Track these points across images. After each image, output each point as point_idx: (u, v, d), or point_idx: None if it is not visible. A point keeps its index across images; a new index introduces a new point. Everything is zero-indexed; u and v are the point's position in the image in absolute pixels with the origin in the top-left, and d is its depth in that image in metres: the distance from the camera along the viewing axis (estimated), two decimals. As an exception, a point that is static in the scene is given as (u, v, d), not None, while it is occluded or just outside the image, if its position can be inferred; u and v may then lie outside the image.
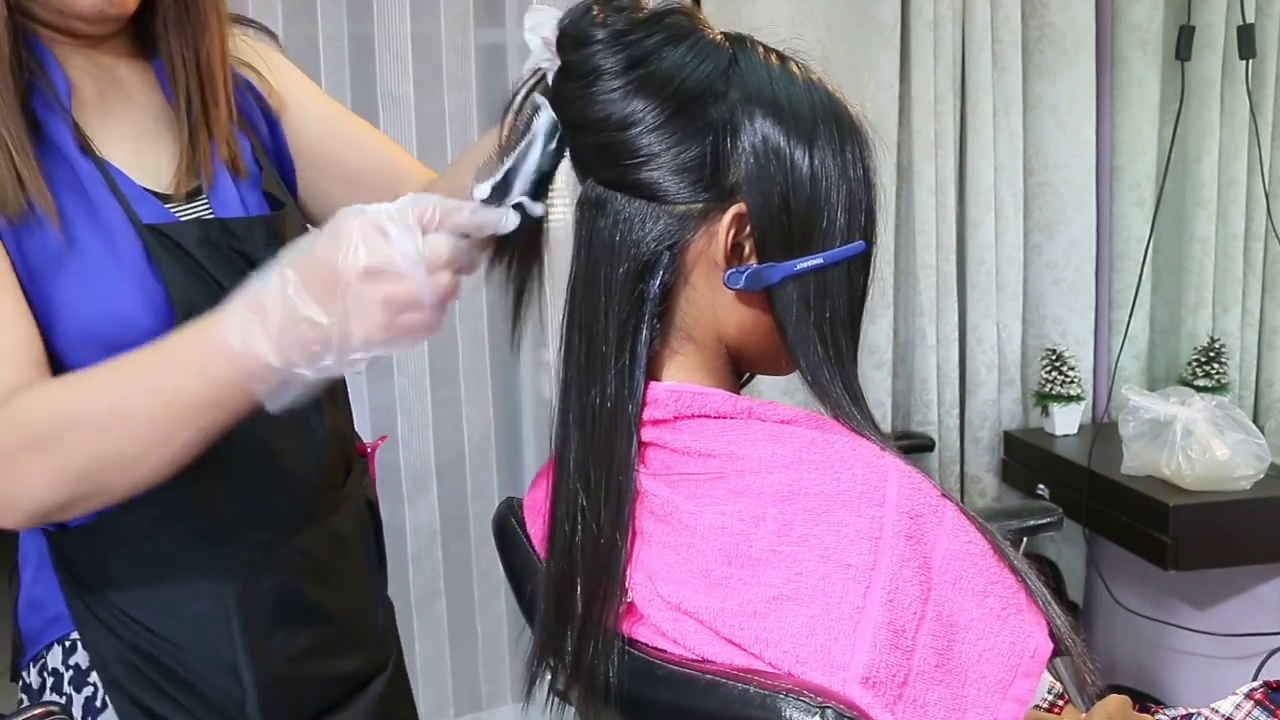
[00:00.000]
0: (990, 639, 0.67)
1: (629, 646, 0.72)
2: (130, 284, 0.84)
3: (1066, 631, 0.69)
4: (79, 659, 0.89)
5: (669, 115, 0.72)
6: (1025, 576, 0.70)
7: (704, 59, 0.73)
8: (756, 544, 0.68)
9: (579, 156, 0.77)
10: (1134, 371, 2.39)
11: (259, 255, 0.90)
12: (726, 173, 0.73)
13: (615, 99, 0.72)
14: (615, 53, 0.72)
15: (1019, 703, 0.66)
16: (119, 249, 0.85)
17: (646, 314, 0.74)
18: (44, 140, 0.84)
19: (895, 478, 0.69)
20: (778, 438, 0.72)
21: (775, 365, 0.80)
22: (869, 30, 2.17)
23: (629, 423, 0.74)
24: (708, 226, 0.73)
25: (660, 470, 0.75)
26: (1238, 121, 2.27)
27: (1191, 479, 1.82)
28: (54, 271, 0.82)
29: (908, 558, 0.66)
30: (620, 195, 0.74)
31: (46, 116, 0.85)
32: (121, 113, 0.92)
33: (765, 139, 0.72)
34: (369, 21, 1.95)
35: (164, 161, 0.92)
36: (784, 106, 0.73)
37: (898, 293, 2.27)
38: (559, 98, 0.76)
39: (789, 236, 0.73)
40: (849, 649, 0.64)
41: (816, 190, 0.73)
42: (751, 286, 0.74)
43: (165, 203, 0.90)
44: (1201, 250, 2.30)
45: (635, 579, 0.73)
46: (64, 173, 0.84)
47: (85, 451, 0.74)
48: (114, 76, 0.92)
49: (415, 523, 2.07)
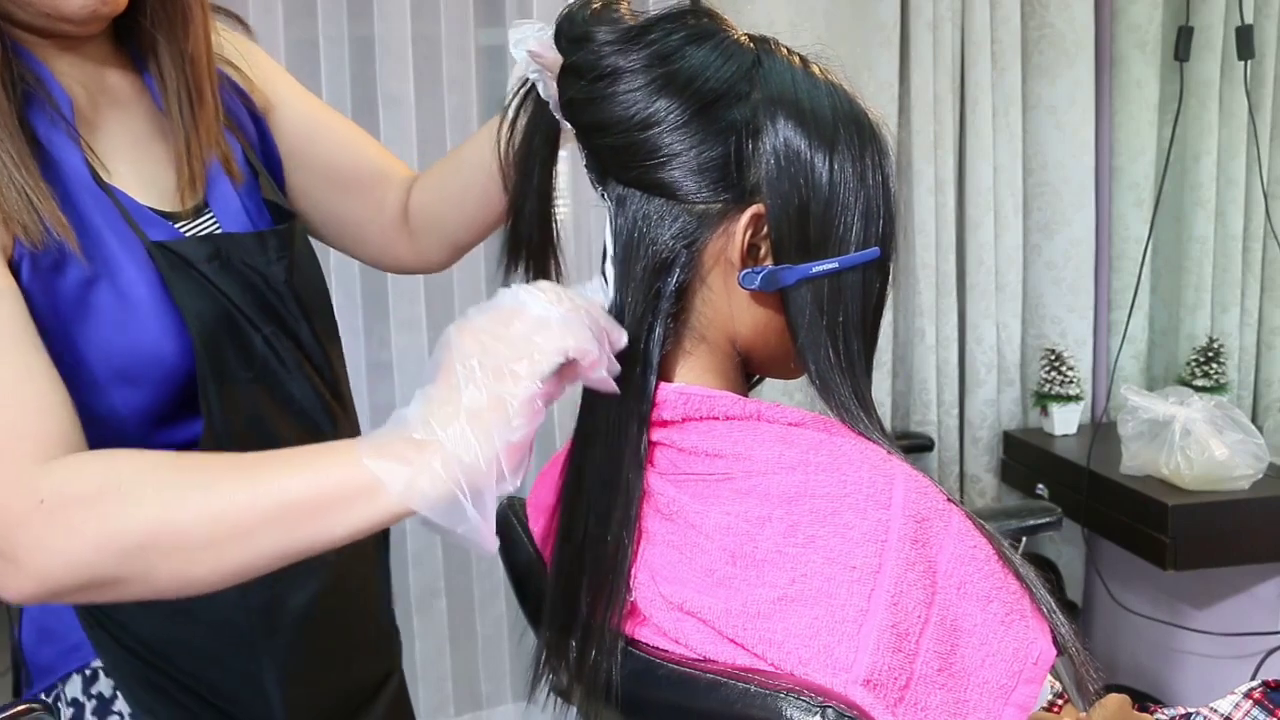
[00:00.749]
0: (994, 644, 0.67)
1: (630, 646, 0.72)
2: (151, 314, 0.81)
3: (1070, 639, 0.69)
4: (101, 688, 0.87)
5: (692, 114, 0.71)
6: (1030, 583, 0.70)
7: (728, 59, 0.73)
8: (762, 545, 0.68)
9: (596, 158, 0.76)
10: (1133, 371, 2.39)
11: (270, 270, 0.89)
12: (747, 173, 0.73)
13: (637, 98, 0.72)
14: (637, 50, 0.72)
15: (1021, 709, 0.67)
16: (136, 276, 0.80)
17: (662, 313, 0.74)
18: (49, 161, 0.78)
19: (902, 482, 0.69)
20: (785, 439, 0.72)
21: (785, 369, 0.80)
22: (868, 30, 2.17)
23: (640, 423, 0.74)
24: (726, 226, 0.73)
25: (667, 469, 0.75)
26: (1236, 122, 2.27)
27: (1190, 479, 1.83)
28: (79, 309, 0.78)
29: (913, 561, 0.66)
30: (639, 193, 0.74)
31: (50, 134, 0.79)
32: (115, 121, 0.87)
33: (787, 142, 0.72)
34: (369, 22, 1.95)
35: (162, 172, 0.88)
36: (807, 110, 0.73)
37: (897, 293, 2.27)
38: (569, 101, 0.75)
39: (805, 239, 0.73)
40: (852, 651, 0.64)
41: (835, 195, 0.73)
42: (766, 287, 0.74)
43: (173, 222, 0.86)
44: (1200, 250, 2.30)
45: (638, 578, 0.73)
46: (75, 197, 0.79)
47: (150, 526, 0.63)
48: (102, 82, 0.87)
49: (415, 522, 2.06)
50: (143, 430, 0.83)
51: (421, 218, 1.07)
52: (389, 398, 2.02)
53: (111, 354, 0.79)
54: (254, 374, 0.87)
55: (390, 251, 1.10)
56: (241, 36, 1.02)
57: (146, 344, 0.80)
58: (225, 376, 0.85)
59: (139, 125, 0.89)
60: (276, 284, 0.89)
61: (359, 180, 1.06)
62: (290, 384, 0.90)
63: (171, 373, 0.82)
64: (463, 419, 0.61)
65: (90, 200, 0.80)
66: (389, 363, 2.02)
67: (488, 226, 1.05)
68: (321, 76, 1.93)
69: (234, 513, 0.63)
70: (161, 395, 0.83)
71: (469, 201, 1.03)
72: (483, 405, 0.62)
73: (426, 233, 1.08)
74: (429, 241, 1.09)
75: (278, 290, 0.89)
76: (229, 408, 0.85)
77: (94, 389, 0.79)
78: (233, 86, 0.98)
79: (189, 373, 0.83)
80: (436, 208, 1.06)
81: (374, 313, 2.02)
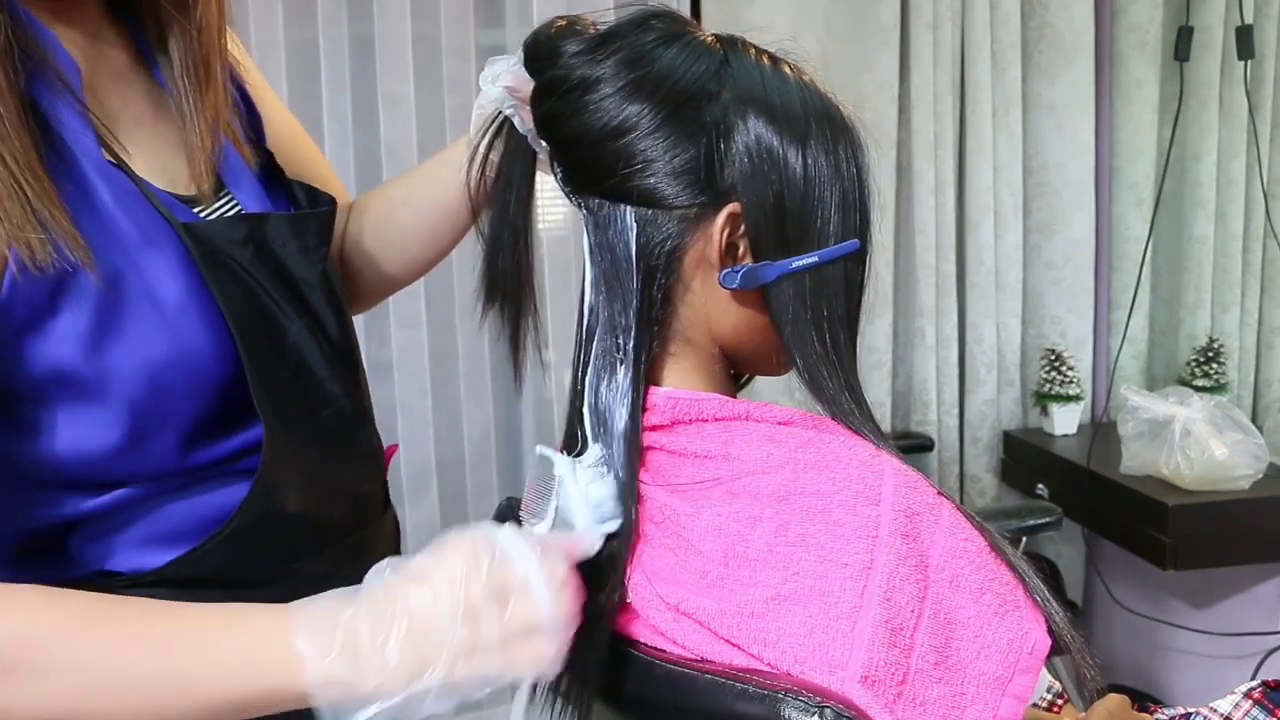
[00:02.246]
0: (988, 636, 0.67)
1: (628, 646, 0.72)
2: (185, 311, 0.71)
3: (1065, 627, 0.70)
4: None
5: (664, 118, 0.72)
6: (1023, 573, 0.70)
7: (696, 59, 0.73)
8: (753, 545, 0.68)
9: (572, 172, 0.77)
10: (1133, 371, 2.39)
11: (307, 258, 0.80)
12: (721, 174, 0.73)
13: (612, 105, 0.72)
14: (606, 58, 0.72)
15: (1018, 699, 0.67)
16: (164, 270, 0.71)
17: (647, 320, 0.74)
18: (57, 147, 0.68)
19: (891, 476, 0.69)
20: (774, 439, 0.72)
21: (771, 365, 0.80)
22: (868, 30, 2.17)
23: (633, 428, 0.74)
24: (704, 228, 0.74)
25: (658, 473, 0.75)
26: (1236, 122, 2.27)
27: (1190, 479, 1.83)
28: (102, 335, 0.68)
29: (904, 556, 0.66)
30: (618, 204, 0.74)
31: (56, 111, 0.69)
32: (117, 96, 0.77)
33: (759, 139, 0.72)
34: (369, 22, 1.95)
35: (172, 150, 0.79)
36: (776, 106, 0.73)
37: (897, 293, 2.27)
38: (546, 118, 0.76)
39: (783, 235, 0.74)
40: (847, 648, 0.64)
41: (810, 189, 0.73)
42: (746, 285, 0.74)
43: (192, 206, 0.77)
44: (1200, 250, 2.30)
45: (634, 580, 0.73)
46: (83, 188, 0.69)
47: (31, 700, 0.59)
48: (101, 50, 0.77)
49: (415, 522, 2.07)
50: (179, 451, 0.73)
51: (357, 259, 1.01)
52: (389, 396, 2.02)
53: (142, 368, 0.69)
54: (290, 373, 0.78)
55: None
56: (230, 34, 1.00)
57: (188, 349, 0.71)
58: (269, 379, 0.75)
59: (141, 103, 0.79)
60: (310, 273, 0.81)
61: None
62: (325, 384, 0.81)
63: (213, 380, 0.73)
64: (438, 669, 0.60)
65: (104, 184, 0.70)
66: (389, 361, 2.02)
67: (427, 266, 1.02)
68: (321, 76, 1.93)
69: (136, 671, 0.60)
70: (200, 409, 0.73)
71: (410, 242, 0.99)
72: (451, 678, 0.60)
73: (359, 273, 1.01)
74: (359, 283, 1.01)
75: (310, 281, 0.81)
76: (279, 414, 0.76)
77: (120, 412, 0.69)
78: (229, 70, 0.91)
79: (230, 378, 0.74)
80: (374, 246, 1.00)
81: (374, 311, 2.01)
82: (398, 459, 2.03)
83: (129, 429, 0.69)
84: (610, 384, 0.75)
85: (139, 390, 0.69)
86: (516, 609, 0.61)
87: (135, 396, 0.69)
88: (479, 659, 0.60)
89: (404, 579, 0.62)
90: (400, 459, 2.04)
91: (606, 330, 0.75)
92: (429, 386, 2.04)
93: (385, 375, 2.02)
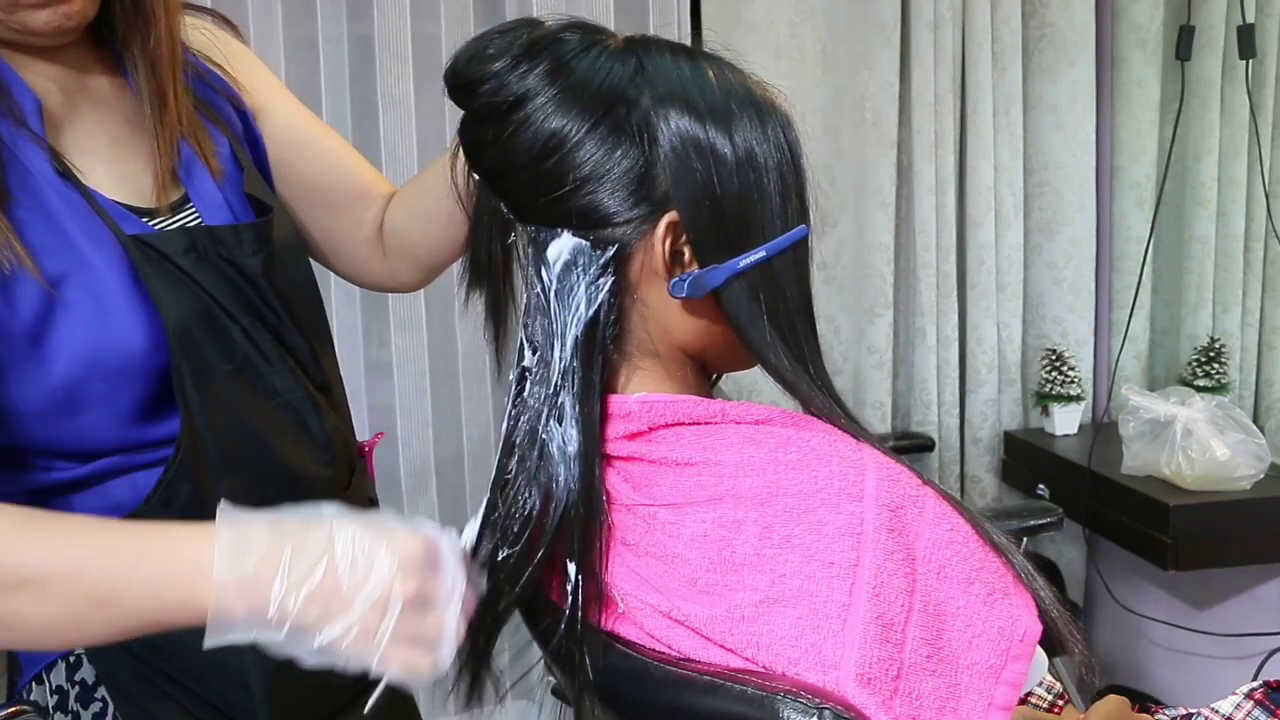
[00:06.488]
0: (979, 625, 0.67)
1: (626, 648, 0.72)
2: (122, 309, 0.82)
3: (1052, 603, 0.70)
4: (84, 674, 0.88)
5: (590, 126, 0.70)
6: (1009, 554, 0.70)
7: (613, 64, 0.72)
8: (739, 549, 0.68)
9: (506, 202, 0.75)
10: (1134, 371, 2.39)
11: (247, 263, 0.89)
12: (654, 182, 0.71)
13: (539, 119, 0.70)
14: (531, 70, 0.71)
15: (1012, 686, 0.67)
16: (106, 271, 0.82)
17: (600, 338, 0.73)
18: (15, 168, 0.80)
19: (873, 471, 0.69)
20: (753, 440, 0.72)
21: (740, 362, 0.80)
22: (869, 30, 2.17)
23: (590, 451, 0.73)
24: (646, 240, 0.72)
25: (640, 483, 0.74)
26: (1238, 121, 2.27)
27: (1192, 479, 1.82)
28: (42, 324, 0.79)
29: (891, 551, 0.66)
30: (556, 228, 0.73)
31: (13, 136, 0.81)
32: (93, 121, 0.88)
33: (684, 138, 0.71)
34: (369, 21, 1.95)
35: (141, 167, 0.89)
36: (698, 102, 0.72)
37: (898, 293, 2.27)
38: (474, 146, 0.75)
39: (726, 235, 0.72)
40: (839, 647, 0.64)
41: (745, 181, 0.72)
42: (696, 293, 0.73)
43: (149, 218, 0.87)
44: (1201, 250, 2.30)
45: (626, 589, 0.73)
46: (41, 195, 0.81)
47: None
48: (82, 82, 0.89)
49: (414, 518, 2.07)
50: (121, 428, 0.84)
51: (394, 239, 1.08)
52: (388, 397, 2.02)
53: (81, 352, 0.80)
54: (234, 365, 0.87)
55: (363, 269, 1.11)
56: (230, 37, 1.02)
57: (117, 340, 0.81)
58: (204, 370, 0.85)
59: (118, 125, 0.90)
60: (254, 277, 0.89)
61: (341, 198, 1.06)
62: (272, 376, 0.90)
63: (145, 368, 0.83)
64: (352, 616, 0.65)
65: (56, 197, 0.81)
66: (389, 362, 2.02)
67: (457, 249, 1.04)
68: (321, 76, 1.93)
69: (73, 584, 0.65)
70: (137, 392, 0.83)
71: (435, 225, 1.03)
72: (334, 646, 0.65)
73: (398, 253, 1.08)
74: (400, 262, 1.09)
75: (256, 283, 0.90)
76: (209, 401, 0.85)
77: (65, 388, 0.80)
78: (219, 84, 0.98)
79: (165, 368, 0.83)
80: (406, 230, 1.06)
81: (373, 312, 2.02)
82: (396, 458, 2.04)
83: (65, 398, 0.80)
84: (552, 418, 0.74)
85: (76, 368, 0.80)
86: (425, 621, 0.67)
87: (73, 372, 0.80)
88: (369, 644, 0.65)
89: (345, 537, 0.66)
90: (400, 458, 2.04)
91: (543, 364, 0.74)
92: (428, 387, 2.04)
93: (385, 376, 2.02)
